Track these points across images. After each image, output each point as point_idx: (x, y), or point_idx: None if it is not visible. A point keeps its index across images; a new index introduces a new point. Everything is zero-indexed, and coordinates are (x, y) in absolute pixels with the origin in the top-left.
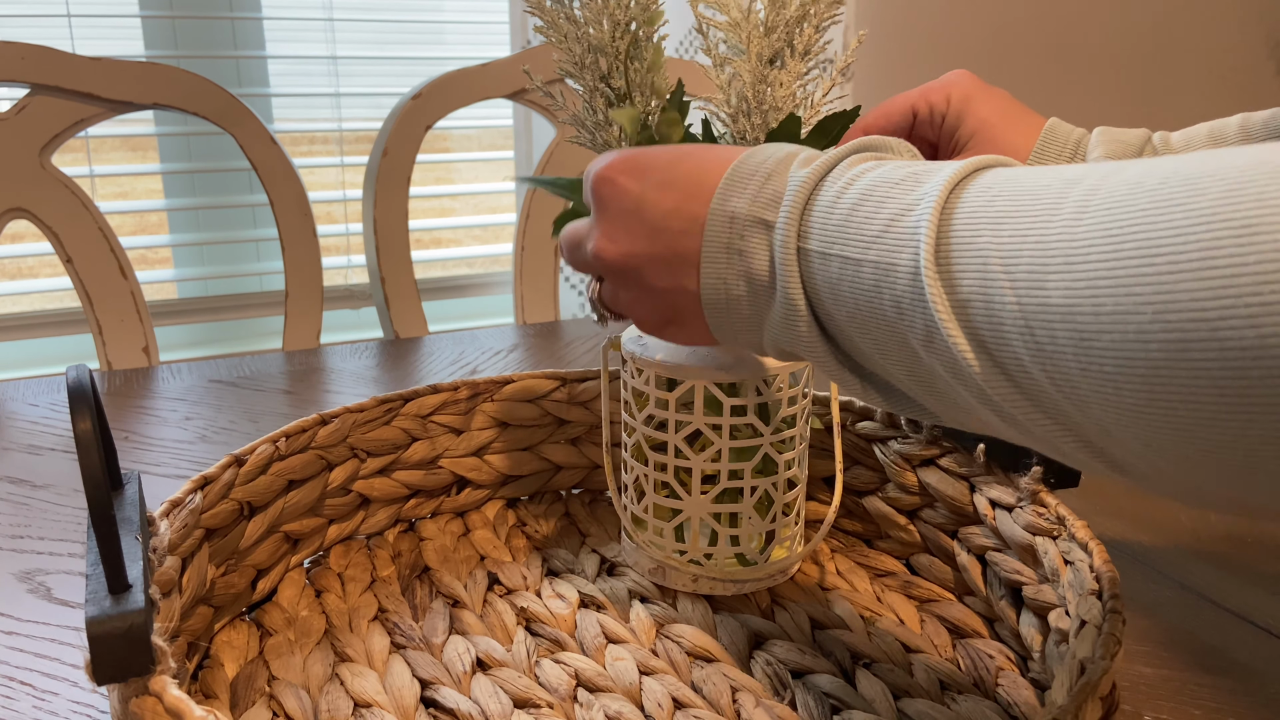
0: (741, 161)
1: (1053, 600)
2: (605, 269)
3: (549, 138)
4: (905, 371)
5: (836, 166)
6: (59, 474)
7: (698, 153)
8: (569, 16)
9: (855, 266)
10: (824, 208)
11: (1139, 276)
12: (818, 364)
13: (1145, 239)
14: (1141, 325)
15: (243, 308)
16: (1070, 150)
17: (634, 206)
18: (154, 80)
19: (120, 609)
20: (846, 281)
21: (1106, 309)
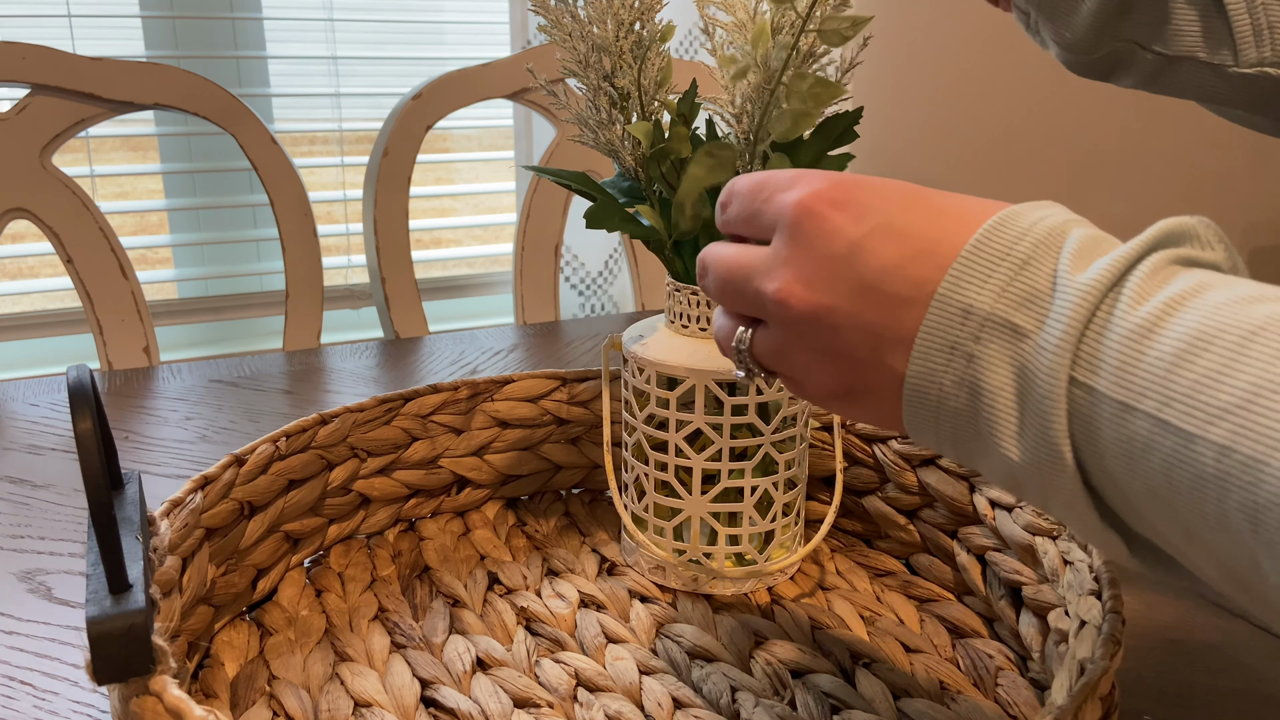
0: (992, 230)
1: (1052, 600)
2: (786, 317)
3: (549, 138)
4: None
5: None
6: (59, 474)
7: (935, 198)
8: (573, 15)
9: (1184, 441)
10: (1126, 339)
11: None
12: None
13: None
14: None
15: (243, 308)
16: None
17: (846, 252)
18: (154, 80)
19: (120, 609)
20: (1159, 453)
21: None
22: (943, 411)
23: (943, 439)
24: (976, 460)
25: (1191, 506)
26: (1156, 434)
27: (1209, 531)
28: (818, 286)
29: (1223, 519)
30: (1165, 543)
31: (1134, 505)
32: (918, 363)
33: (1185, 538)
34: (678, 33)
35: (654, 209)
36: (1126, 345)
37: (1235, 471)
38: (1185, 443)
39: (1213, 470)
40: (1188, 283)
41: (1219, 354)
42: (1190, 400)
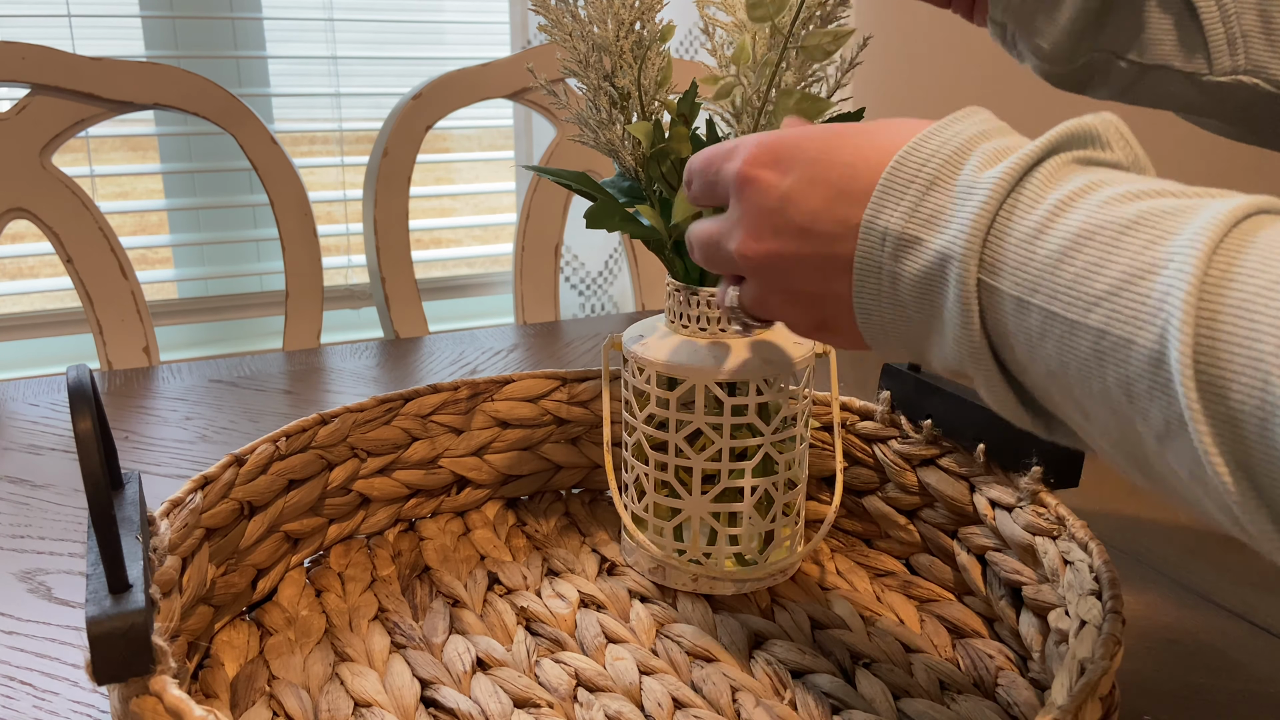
0: (903, 158)
1: (1052, 600)
2: (750, 269)
3: (549, 138)
4: (1114, 444)
5: (1034, 174)
6: (59, 474)
7: (853, 138)
8: (573, 15)
9: (1068, 328)
10: (1022, 240)
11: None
12: (993, 398)
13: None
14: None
15: (243, 308)
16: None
17: (778, 204)
18: (154, 80)
19: (120, 609)
20: (1053, 340)
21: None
22: (888, 327)
23: (898, 348)
24: (931, 362)
25: (1081, 386)
26: (1048, 324)
27: (1097, 407)
28: (764, 237)
29: (1105, 394)
30: (1070, 421)
31: (1041, 389)
32: (857, 289)
33: (1082, 415)
34: (678, 33)
35: (654, 209)
36: (1021, 246)
37: (1109, 351)
38: (1069, 330)
39: (1092, 351)
40: (1079, 183)
41: (1097, 248)
42: (1072, 292)
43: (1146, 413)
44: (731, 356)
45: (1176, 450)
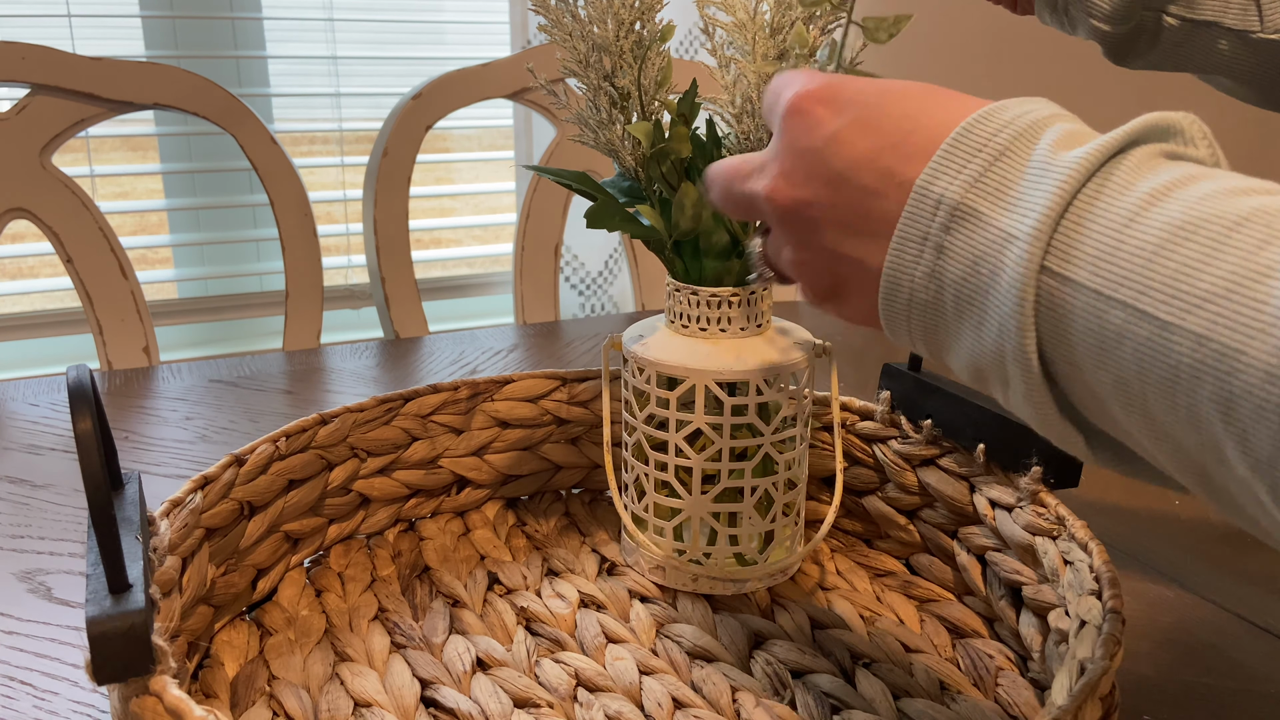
0: (968, 127)
1: (1052, 600)
2: (773, 214)
3: (549, 138)
4: (1182, 466)
5: (1120, 161)
6: (59, 474)
7: (919, 95)
8: (573, 15)
9: (1159, 329)
10: (1108, 228)
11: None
12: (1029, 404)
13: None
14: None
15: (243, 308)
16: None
17: (822, 144)
18: (154, 80)
19: (120, 609)
20: (1133, 343)
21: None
22: (914, 304)
23: (915, 333)
24: (945, 353)
25: (1162, 398)
26: (1132, 323)
27: (1178, 424)
28: (797, 181)
29: (1193, 410)
30: (1128, 437)
31: (1100, 399)
32: (893, 255)
33: (1150, 431)
34: (678, 33)
35: (654, 209)
36: (1106, 235)
37: (1210, 361)
38: (1161, 331)
39: (1188, 360)
40: (1173, 174)
41: (1201, 243)
42: (1169, 289)
43: (1247, 436)
44: (731, 356)
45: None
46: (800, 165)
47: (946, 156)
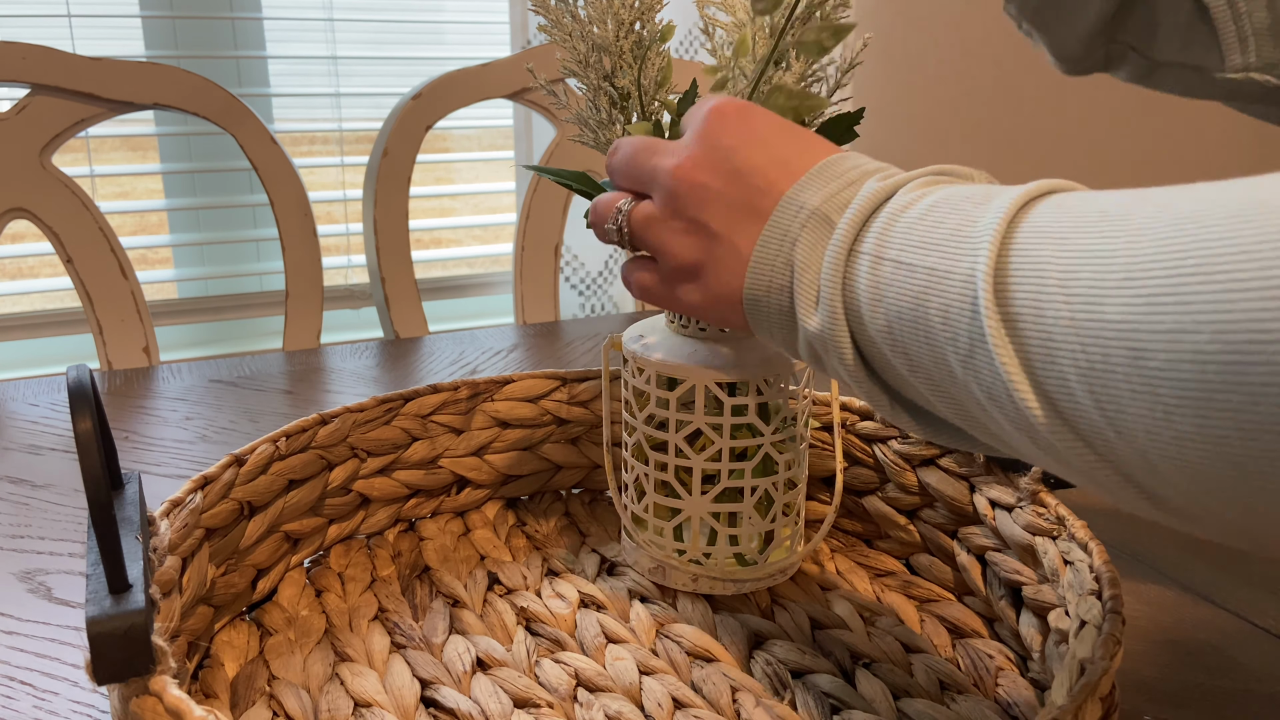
0: (831, 162)
1: (1053, 600)
2: (670, 186)
3: (549, 138)
4: (936, 393)
5: (911, 183)
6: (59, 474)
7: (805, 136)
8: (573, 15)
9: (908, 271)
10: (889, 215)
11: (1199, 293)
12: (847, 375)
13: (1209, 254)
14: (1199, 345)
15: (243, 308)
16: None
17: (731, 145)
18: (154, 80)
19: (120, 609)
20: (894, 286)
21: (1164, 326)
22: (773, 290)
23: (769, 317)
24: (793, 335)
25: (911, 327)
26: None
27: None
28: (704, 167)
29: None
30: (905, 384)
31: (880, 350)
32: (760, 250)
33: (910, 368)
34: (678, 33)
35: None
36: (887, 218)
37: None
38: (909, 273)
39: (923, 287)
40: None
41: (942, 212)
42: (916, 243)
43: (957, 334)
44: (731, 356)
45: (977, 368)
46: (709, 156)
47: (812, 178)
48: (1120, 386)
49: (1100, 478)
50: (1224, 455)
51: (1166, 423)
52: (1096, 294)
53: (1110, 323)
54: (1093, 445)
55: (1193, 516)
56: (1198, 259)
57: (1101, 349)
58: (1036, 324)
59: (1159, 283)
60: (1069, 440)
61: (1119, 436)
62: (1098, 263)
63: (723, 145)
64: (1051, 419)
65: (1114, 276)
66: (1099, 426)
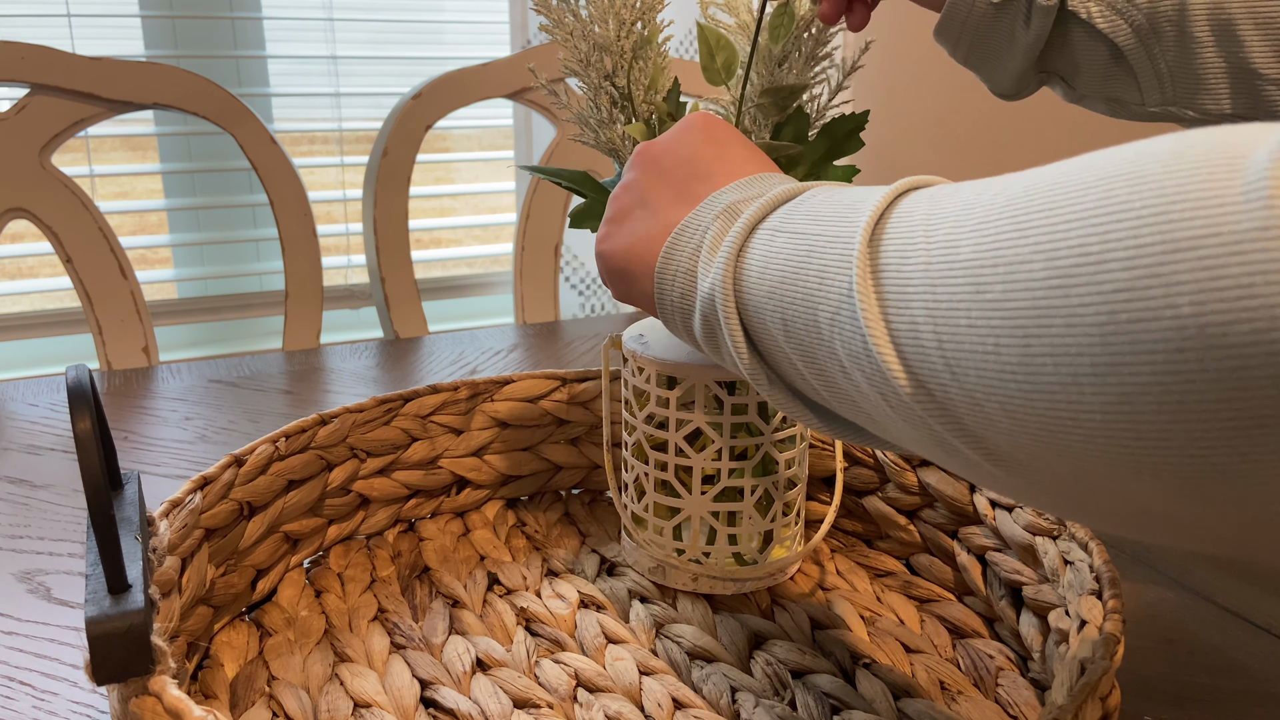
0: (762, 176)
1: (1053, 600)
2: (638, 159)
3: (549, 137)
4: (804, 358)
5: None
6: (59, 474)
7: (759, 154)
8: (574, 14)
9: (798, 238)
10: (799, 200)
11: (1038, 226)
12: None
13: (1050, 196)
14: (1032, 272)
15: (243, 308)
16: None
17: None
18: (154, 80)
19: (120, 609)
20: (784, 252)
21: (1004, 259)
22: (679, 272)
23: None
24: (690, 318)
25: (790, 288)
26: (788, 241)
27: (797, 311)
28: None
29: (807, 291)
30: (780, 355)
31: (761, 320)
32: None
33: (785, 334)
34: (678, 33)
35: None
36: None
37: (819, 246)
38: (799, 239)
39: (806, 249)
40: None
41: (844, 193)
42: (812, 217)
43: (828, 295)
44: None
45: (842, 325)
46: (672, 140)
47: (743, 183)
48: (960, 322)
49: (941, 433)
50: (1040, 385)
51: (995, 355)
52: (953, 239)
53: (960, 262)
54: (931, 391)
55: (1026, 474)
56: (1044, 199)
57: (949, 287)
58: (898, 272)
59: (1006, 224)
60: (911, 389)
61: (953, 379)
62: (961, 213)
63: (684, 136)
64: (898, 366)
65: (971, 223)
66: (938, 369)
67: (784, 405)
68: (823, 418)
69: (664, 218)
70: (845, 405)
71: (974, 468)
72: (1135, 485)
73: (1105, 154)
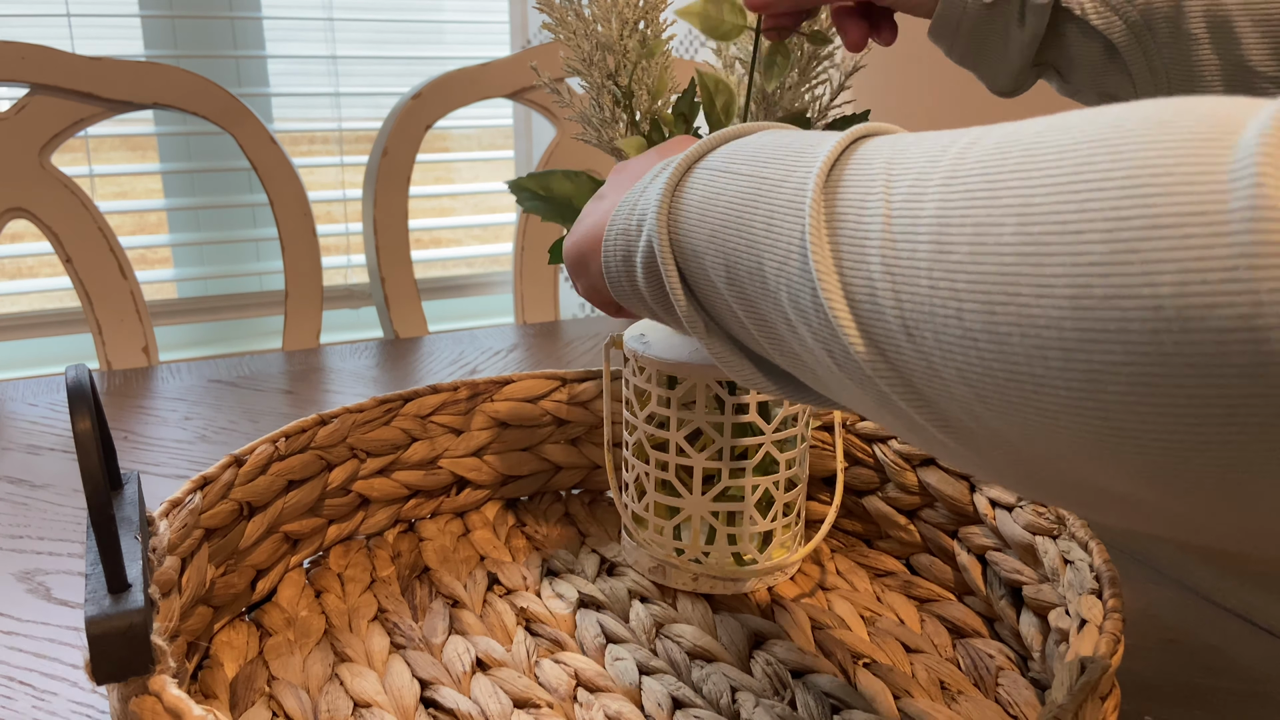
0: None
1: (1053, 600)
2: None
3: (549, 137)
4: (746, 308)
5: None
6: (59, 474)
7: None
8: (577, 13)
9: (742, 180)
10: (740, 141)
11: (1010, 187)
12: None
13: (1025, 157)
14: (1002, 235)
15: (243, 307)
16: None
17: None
18: (154, 80)
19: (120, 609)
20: (725, 195)
21: (973, 220)
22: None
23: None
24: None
25: (733, 233)
26: (729, 182)
27: (741, 261)
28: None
29: (751, 236)
30: (720, 305)
31: (700, 264)
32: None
33: (727, 281)
34: (680, 32)
35: None
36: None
37: (765, 189)
38: (742, 180)
39: (751, 190)
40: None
41: (793, 135)
42: (755, 158)
43: (776, 242)
44: None
45: (790, 276)
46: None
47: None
48: (921, 282)
49: (889, 395)
50: (1004, 354)
51: (958, 320)
52: (917, 192)
53: (924, 219)
54: (884, 352)
55: (976, 443)
56: (1017, 159)
57: (910, 243)
58: (856, 223)
59: (976, 179)
60: (863, 348)
61: (909, 340)
62: (926, 165)
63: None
64: (851, 323)
65: (938, 176)
66: (893, 330)
67: (722, 356)
68: (765, 371)
69: (612, 201)
70: (788, 359)
71: (919, 432)
72: (1096, 465)
73: (1083, 116)
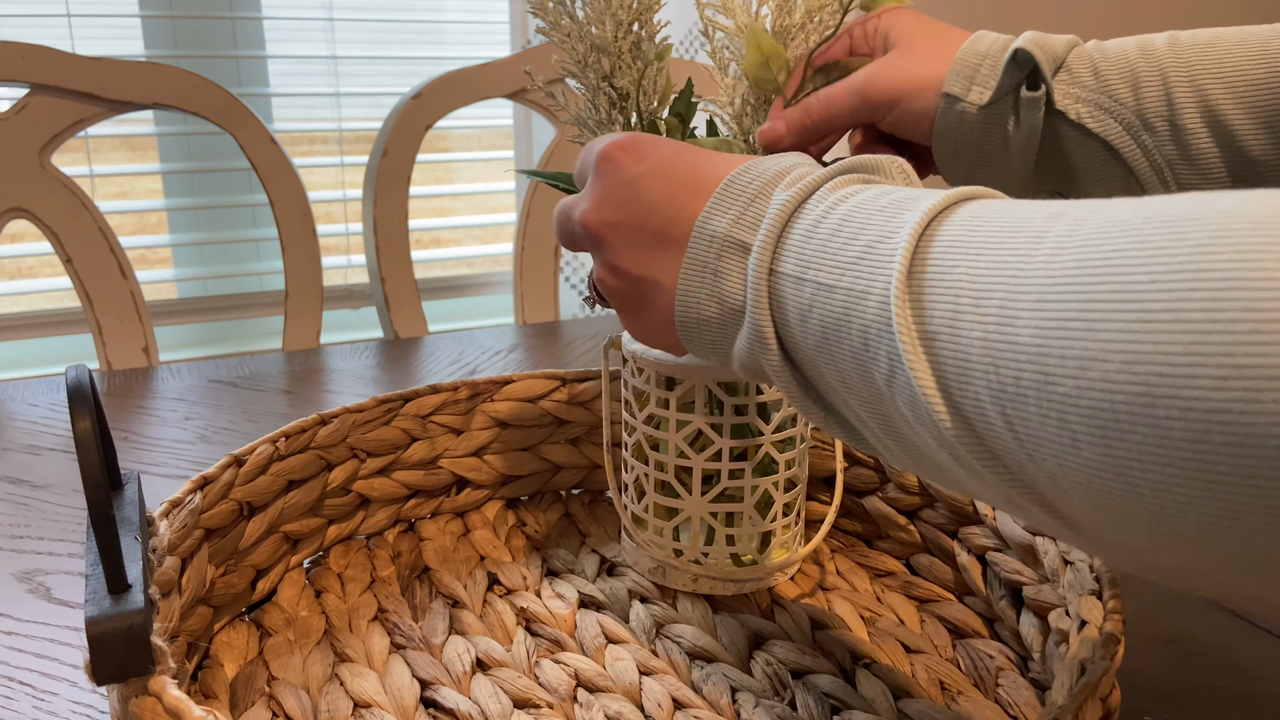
0: (733, 178)
1: (1053, 600)
2: (587, 239)
3: (549, 137)
4: (867, 409)
5: (821, 188)
6: (59, 474)
7: (698, 154)
8: (571, 16)
9: (828, 292)
10: (803, 232)
11: (1110, 321)
12: (783, 392)
13: (1121, 282)
14: (1108, 373)
15: (243, 308)
16: (991, 61)
17: (630, 180)
18: (154, 80)
19: (120, 609)
20: (818, 308)
21: (1074, 353)
22: (701, 321)
23: (705, 345)
24: (729, 360)
25: (837, 347)
26: (815, 295)
27: (849, 367)
28: (606, 209)
29: (852, 350)
30: (839, 400)
31: (815, 366)
32: (682, 284)
33: (843, 385)
34: (678, 33)
35: None
36: (801, 235)
37: (853, 305)
38: (829, 294)
39: (842, 309)
40: (854, 189)
41: (855, 226)
42: (832, 261)
43: (877, 355)
44: None
45: (899, 387)
46: (609, 199)
47: (717, 200)
48: (1030, 410)
49: (1019, 500)
50: (1128, 484)
51: (1074, 449)
52: (1008, 315)
53: (1021, 345)
54: (1009, 467)
55: (1106, 544)
56: (1110, 285)
57: (1013, 372)
58: (951, 344)
59: (1070, 307)
60: (986, 460)
61: (1030, 460)
62: (1011, 282)
63: (623, 180)
64: (969, 439)
65: (1027, 298)
66: (1011, 449)
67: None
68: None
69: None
70: (915, 456)
71: (1047, 526)
72: (1230, 575)
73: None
